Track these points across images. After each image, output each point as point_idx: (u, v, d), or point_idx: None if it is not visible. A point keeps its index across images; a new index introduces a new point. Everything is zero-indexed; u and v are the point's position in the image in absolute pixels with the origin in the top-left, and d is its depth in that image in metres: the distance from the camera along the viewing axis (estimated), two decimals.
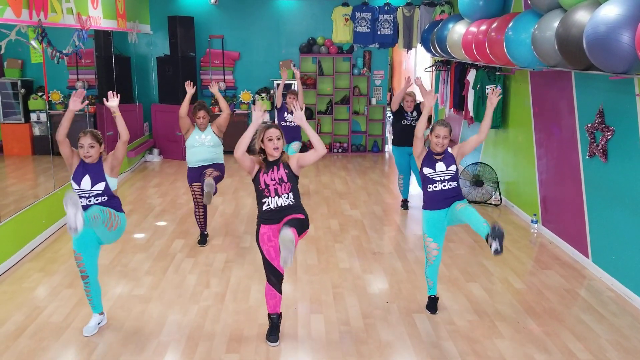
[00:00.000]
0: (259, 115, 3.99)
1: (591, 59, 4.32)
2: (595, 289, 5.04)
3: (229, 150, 6.05)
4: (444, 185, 4.37)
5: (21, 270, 5.35)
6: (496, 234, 3.87)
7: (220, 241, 6.17)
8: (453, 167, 4.41)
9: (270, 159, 4.01)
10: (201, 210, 6.03)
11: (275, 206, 3.96)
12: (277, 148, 3.97)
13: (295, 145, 7.80)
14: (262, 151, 4.03)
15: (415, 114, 7.29)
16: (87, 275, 4.16)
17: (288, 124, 7.67)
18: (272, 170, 3.98)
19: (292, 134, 7.68)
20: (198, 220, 6.07)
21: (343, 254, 5.84)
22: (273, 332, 4.13)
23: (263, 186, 3.98)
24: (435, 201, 4.40)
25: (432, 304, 4.64)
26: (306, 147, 9.59)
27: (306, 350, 4.02)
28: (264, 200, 4.00)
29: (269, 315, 4.17)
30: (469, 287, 5.04)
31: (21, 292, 4.87)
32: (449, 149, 4.47)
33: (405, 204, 7.61)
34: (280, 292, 4.11)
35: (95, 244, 4.17)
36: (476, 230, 4.07)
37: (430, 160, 4.43)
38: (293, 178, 4.02)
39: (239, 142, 3.94)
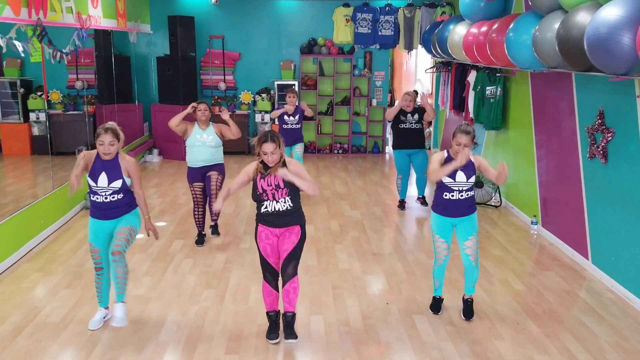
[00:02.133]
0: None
1: (592, 60, 4.31)
2: (595, 291, 5.03)
3: (227, 151, 6.07)
4: (461, 195, 4.30)
5: (19, 270, 5.33)
6: (467, 311, 4.49)
7: (219, 242, 6.16)
8: (473, 178, 4.29)
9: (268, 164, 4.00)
10: (200, 210, 6.02)
11: (274, 210, 4.00)
12: (272, 161, 3.94)
13: (299, 148, 7.77)
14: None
15: (416, 116, 7.17)
16: (102, 267, 4.28)
17: (289, 126, 7.64)
18: (270, 176, 3.97)
19: (293, 136, 7.69)
20: (197, 220, 6.06)
21: (343, 254, 5.83)
22: (273, 330, 4.14)
23: (260, 191, 3.99)
24: (449, 209, 4.36)
25: (437, 305, 4.62)
26: (306, 147, 9.58)
27: (306, 351, 4.01)
28: (262, 203, 4.02)
29: (267, 313, 4.18)
30: None
31: (19, 292, 4.86)
32: (472, 157, 4.27)
33: (402, 204, 7.56)
34: (276, 289, 4.14)
35: (109, 235, 4.26)
36: (465, 284, 4.51)
37: None
38: (290, 183, 3.99)
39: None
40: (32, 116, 8.72)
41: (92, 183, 4.11)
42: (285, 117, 7.60)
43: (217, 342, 4.10)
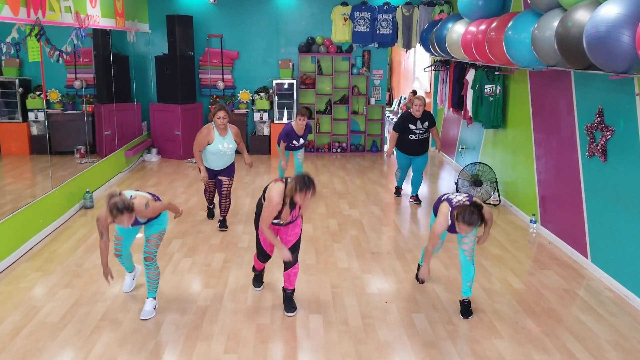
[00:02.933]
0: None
1: (591, 58, 4.31)
2: (594, 289, 5.03)
3: None
4: None
5: (18, 270, 5.32)
6: (465, 310, 4.48)
7: (218, 241, 6.16)
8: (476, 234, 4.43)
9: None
10: (211, 194, 6.66)
11: (285, 223, 4.40)
12: (306, 206, 4.27)
13: (300, 154, 7.80)
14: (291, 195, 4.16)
15: (426, 124, 7.25)
16: (121, 254, 4.66)
17: (296, 145, 7.59)
18: (294, 210, 4.30)
19: (298, 148, 7.76)
20: (207, 196, 6.70)
21: (342, 253, 5.83)
22: (257, 280, 4.91)
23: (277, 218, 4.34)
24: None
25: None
26: (305, 146, 9.51)
27: (304, 350, 4.00)
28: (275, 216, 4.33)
29: (253, 267, 4.90)
30: None
31: (18, 292, 4.85)
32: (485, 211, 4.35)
33: (398, 191, 7.92)
34: (265, 263, 4.78)
35: (135, 230, 4.57)
36: (462, 284, 4.52)
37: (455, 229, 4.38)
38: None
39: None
40: (31, 115, 8.71)
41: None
42: (295, 142, 7.50)
43: (215, 341, 4.09)
